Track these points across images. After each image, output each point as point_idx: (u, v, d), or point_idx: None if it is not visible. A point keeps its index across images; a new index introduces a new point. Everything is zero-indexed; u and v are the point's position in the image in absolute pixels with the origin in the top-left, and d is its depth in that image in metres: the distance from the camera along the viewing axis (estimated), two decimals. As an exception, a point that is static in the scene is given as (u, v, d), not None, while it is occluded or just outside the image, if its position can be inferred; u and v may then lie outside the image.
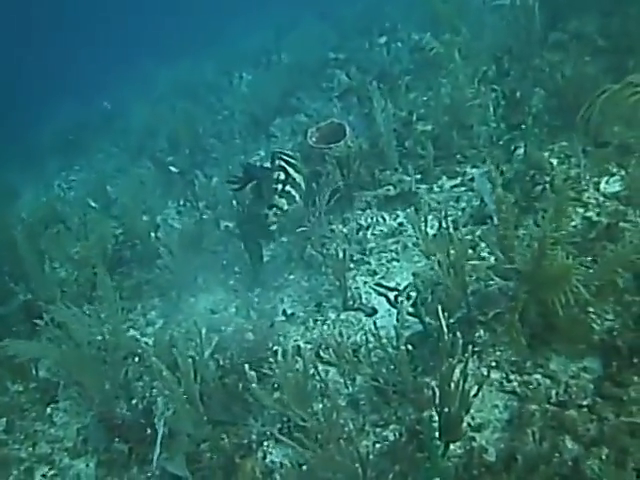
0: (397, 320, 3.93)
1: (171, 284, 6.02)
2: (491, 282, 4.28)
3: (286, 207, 5.60)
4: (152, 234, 6.85)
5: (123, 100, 14.23)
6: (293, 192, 5.65)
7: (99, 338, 5.00)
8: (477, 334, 4.18)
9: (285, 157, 5.82)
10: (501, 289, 4.24)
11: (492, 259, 4.78)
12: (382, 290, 4.95)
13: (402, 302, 4.45)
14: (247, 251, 5.93)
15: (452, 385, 3.36)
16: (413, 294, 4.64)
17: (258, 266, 5.96)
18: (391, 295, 4.85)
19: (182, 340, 4.77)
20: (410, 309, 4.35)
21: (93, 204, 8.84)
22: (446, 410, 3.44)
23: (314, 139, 6.66)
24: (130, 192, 7.88)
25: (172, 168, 9.03)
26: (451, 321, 4.16)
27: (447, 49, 7.23)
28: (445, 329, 3.56)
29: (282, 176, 5.63)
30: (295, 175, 5.73)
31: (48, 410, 5.25)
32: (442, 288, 4.30)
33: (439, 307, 3.68)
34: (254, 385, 3.72)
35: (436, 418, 3.55)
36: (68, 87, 16.89)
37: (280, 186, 5.58)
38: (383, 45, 10.28)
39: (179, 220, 7.74)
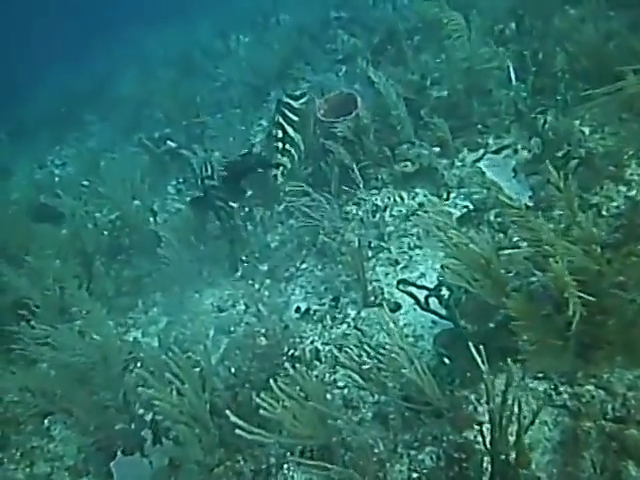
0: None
1: (174, 277, 5.55)
2: (533, 278, 3.79)
3: (289, 165, 5.58)
4: (151, 219, 6.37)
5: (114, 67, 13.58)
6: (292, 151, 5.58)
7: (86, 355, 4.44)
8: (520, 340, 3.70)
9: (286, 111, 5.64)
10: (545, 287, 3.75)
11: (526, 246, 4.33)
12: (410, 289, 4.44)
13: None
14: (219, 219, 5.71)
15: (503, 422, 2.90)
16: (444, 292, 4.14)
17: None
18: (418, 293, 4.34)
19: (188, 344, 4.34)
20: (443, 311, 3.89)
21: (86, 183, 8.39)
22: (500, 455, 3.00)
23: (322, 112, 6.11)
24: (126, 172, 7.36)
25: (169, 142, 8.48)
26: (490, 325, 3.69)
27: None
28: (482, 366, 3.01)
29: (280, 134, 5.54)
30: (293, 134, 5.59)
31: (46, 422, 4.82)
32: (478, 285, 3.83)
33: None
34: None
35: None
36: (55, 55, 16.16)
37: (280, 144, 5.52)
38: (388, 1, 9.57)
39: (179, 200, 7.24)
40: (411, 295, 4.09)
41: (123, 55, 13.97)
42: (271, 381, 3.21)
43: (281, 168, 5.49)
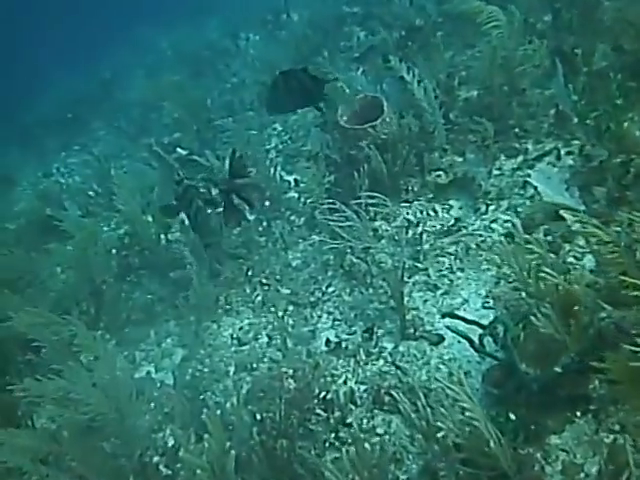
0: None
1: (189, 303, 5.09)
2: (602, 314, 3.29)
3: None
4: (162, 236, 5.91)
5: (122, 70, 13.14)
6: None
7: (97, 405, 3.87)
8: (591, 386, 3.20)
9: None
10: (618, 325, 3.25)
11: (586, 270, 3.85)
12: (457, 324, 3.90)
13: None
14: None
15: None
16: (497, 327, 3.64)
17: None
18: (465, 328, 3.84)
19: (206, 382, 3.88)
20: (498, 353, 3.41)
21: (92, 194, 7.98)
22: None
23: (345, 118, 5.62)
24: (134, 181, 6.89)
25: (179, 150, 8.02)
26: (556, 370, 3.19)
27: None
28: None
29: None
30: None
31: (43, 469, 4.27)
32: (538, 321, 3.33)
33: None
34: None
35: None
36: (61, 58, 15.74)
37: None
38: (405, -7, 9.03)
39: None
40: (462, 335, 3.58)
41: (131, 57, 13.53)
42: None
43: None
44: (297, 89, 4.56)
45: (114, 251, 6.10)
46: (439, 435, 3.14)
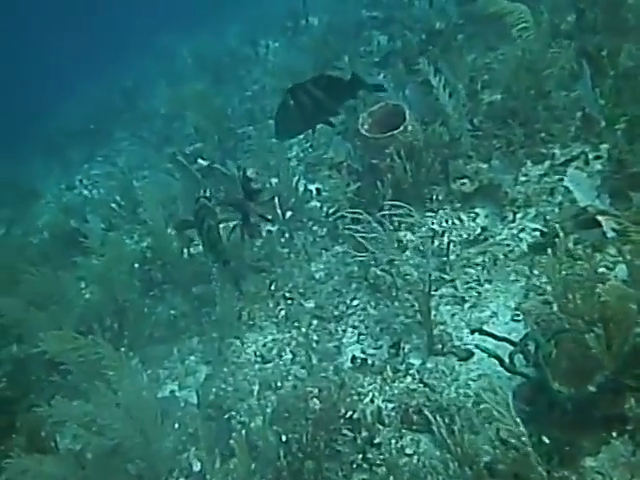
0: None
1: (213, 321, 5.04)
2: (638, 329, 3.15)
3: None
4: (185, 250, 5.86)
5: (143, 78, 13.19)
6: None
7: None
8: (627, 405, 3.07)
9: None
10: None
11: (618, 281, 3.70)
12: (485, 341, 3.79)
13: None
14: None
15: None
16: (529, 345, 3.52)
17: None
18: (495, 345, 3.73)
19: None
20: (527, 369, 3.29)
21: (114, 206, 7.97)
22: None
23: (366, 127, 5.52)
24: (157, 193, 6.85)
25: (200, 161, 7.98)
26: (591, 389, 3.06)
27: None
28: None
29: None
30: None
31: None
32: (571, 338, 3.22)
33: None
34: None
35: None
36: (84, 67, 15.83)
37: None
38: (424, -1, 8.89)
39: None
40: (491, 354, 3.47)
41: (152, 65, 13.57)
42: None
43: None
44: (309, 104, 4.45)
45: (137, 265, 6.05)
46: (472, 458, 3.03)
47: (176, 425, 4.31)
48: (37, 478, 3.53)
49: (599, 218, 4.17)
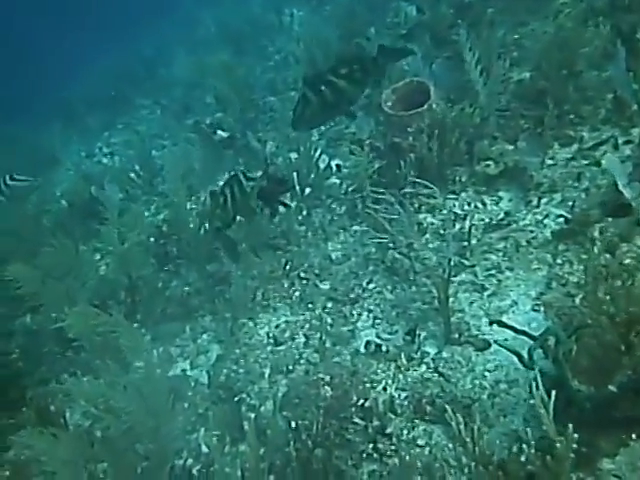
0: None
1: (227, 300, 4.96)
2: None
3: None
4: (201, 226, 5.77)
5: (165, 46, 13.00)
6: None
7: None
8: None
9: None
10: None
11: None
12: (507, 335, 3.66)
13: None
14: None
15: None
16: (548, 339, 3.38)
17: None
18: (509, 335, 3.60)
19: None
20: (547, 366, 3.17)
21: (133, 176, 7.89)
22: None
23: (390, 104, 5.35)
24: (177, 163, 6.76)
25: (220, 132, 7.85)
26: (611, 388, 2.94)
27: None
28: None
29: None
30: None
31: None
32: (592, 333, 3.09)
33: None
34: None
35: None
36: (105, 36, 15.68)
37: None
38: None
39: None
40: (510, 350, 3.35)
41: (174, 33, 13.36)
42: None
43: None
44: (329, 96, 4.32)
45: (152, 239, 5.98)
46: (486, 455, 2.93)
47: (186, 405, 4.27)
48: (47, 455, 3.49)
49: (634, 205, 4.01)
